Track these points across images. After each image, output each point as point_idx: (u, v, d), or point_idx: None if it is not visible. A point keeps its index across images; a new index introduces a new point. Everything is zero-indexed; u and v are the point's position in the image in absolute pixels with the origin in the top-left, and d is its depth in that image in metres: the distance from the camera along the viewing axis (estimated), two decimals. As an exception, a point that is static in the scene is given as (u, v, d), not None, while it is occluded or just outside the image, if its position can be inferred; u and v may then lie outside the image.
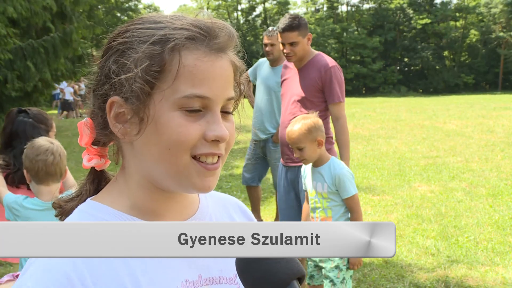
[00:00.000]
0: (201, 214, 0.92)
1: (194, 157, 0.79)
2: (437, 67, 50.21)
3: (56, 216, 0.90)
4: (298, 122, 2.89)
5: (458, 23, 52.18)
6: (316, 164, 2.93)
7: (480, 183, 7.33)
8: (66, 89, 20.08)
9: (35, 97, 15.98)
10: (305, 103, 3.70)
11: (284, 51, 3.73)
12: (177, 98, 0.77)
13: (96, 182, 0.91)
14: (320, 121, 2.93)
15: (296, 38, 3.67)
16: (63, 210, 0.89)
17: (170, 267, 0.82)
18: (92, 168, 0.90)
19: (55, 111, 21.98)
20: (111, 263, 0.76)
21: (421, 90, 47.85)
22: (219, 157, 0.81)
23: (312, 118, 2.90)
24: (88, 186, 0.90)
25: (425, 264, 4.34)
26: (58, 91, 20.21)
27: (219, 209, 0.98)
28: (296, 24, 3.68)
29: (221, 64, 0.79)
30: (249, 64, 5.29)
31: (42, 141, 2.46)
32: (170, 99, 0.77)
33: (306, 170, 3.05)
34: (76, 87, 20.61)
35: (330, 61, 3.70)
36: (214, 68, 0.78)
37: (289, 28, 3.68)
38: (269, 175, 5.45)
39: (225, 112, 0.82)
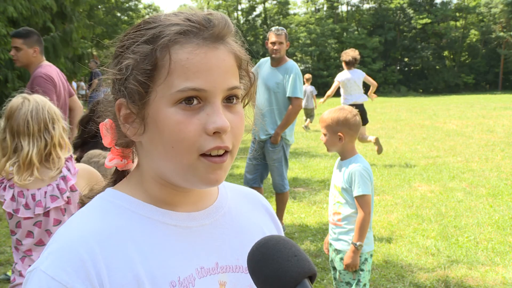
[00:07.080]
0: (219, 205, 0.92)
1: (201, 155, 0.78)
2: (437, 67, 50.11)
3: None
4: (333, 111, 2.93)
5: (458, 23, 52.12)
6: (341, 157, 2.96)
7: (480, 183, 7.33)
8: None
9: (35, 97, 15.97)
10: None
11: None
12: (172, 93, 0.76)
13: (119, 181, 0.92)
14: (351, 119, 2.87)
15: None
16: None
17: (185, 253, 0.83)
18: (116, 168, 0.93)
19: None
20: (124, 246, 0.78)
21: (421, 90, 47.77)
22: (226, 151, 0.79)
23: (346, 113, 2.88)
24: (111, 185, 0.92)
25: (425, 264, 4.34)
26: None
27: (239, 202, 0.97)
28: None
29: (216, 54, 0.78)
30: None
31: (95, 150, 2.70)
32: (165, 95, 0.76)
33: (335, 162, 3.07)
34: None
35: None
36: (209, 59, 0.77)
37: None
38: (269, 175, 5.45)
39: (229, 103, 0.81)
